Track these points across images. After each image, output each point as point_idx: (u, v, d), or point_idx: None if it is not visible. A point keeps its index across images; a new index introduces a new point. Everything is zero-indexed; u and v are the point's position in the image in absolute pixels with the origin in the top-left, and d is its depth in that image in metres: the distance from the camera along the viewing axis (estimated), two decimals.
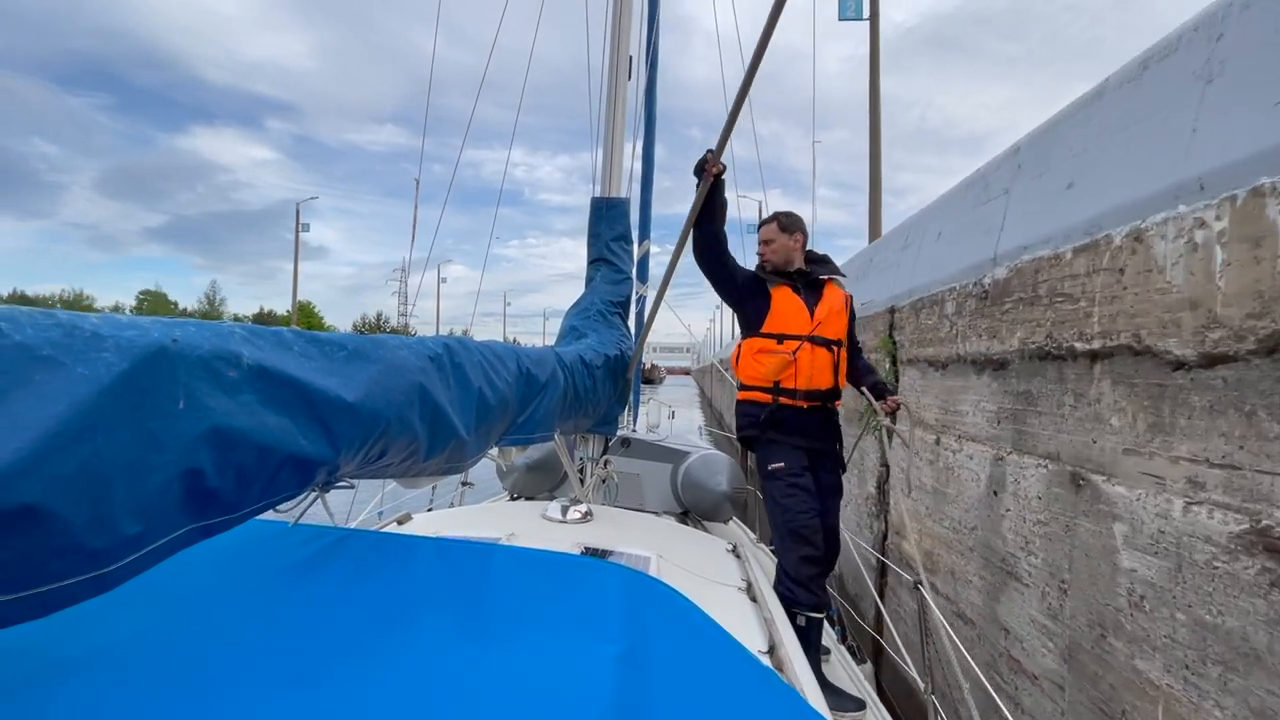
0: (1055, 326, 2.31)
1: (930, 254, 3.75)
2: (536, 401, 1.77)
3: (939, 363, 3.38)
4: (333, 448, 0.94)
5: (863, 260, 5.55)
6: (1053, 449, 2.32)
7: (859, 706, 2.20)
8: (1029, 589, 2.41)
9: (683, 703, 0.90)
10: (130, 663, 0.77)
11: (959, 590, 3.00)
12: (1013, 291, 2.63)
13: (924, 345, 3.61)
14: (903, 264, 4.23)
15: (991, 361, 2.80)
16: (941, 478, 3.28)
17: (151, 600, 0.86)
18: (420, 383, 1.17)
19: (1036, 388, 2.43)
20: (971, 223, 3.19)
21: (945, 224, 3.60)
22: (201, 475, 0.74)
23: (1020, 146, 2.81)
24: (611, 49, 3.34)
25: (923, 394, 3.59)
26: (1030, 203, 2.63)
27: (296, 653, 0.84)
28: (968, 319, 3.05)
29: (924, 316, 3.63)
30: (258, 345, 0.84)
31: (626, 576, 1.17)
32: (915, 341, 3.74)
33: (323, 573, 1.02)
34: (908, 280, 4.03)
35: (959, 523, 3.05)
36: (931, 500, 3.40)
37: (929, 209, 3.97)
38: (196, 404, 0.73)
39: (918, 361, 3.69)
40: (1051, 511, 2.30)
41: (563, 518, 2.24)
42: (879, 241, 5.17)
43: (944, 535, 3.22)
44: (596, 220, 3.09)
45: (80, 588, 0.64)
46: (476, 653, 0.90)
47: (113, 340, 0.65)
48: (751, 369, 2.65)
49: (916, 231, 4.11)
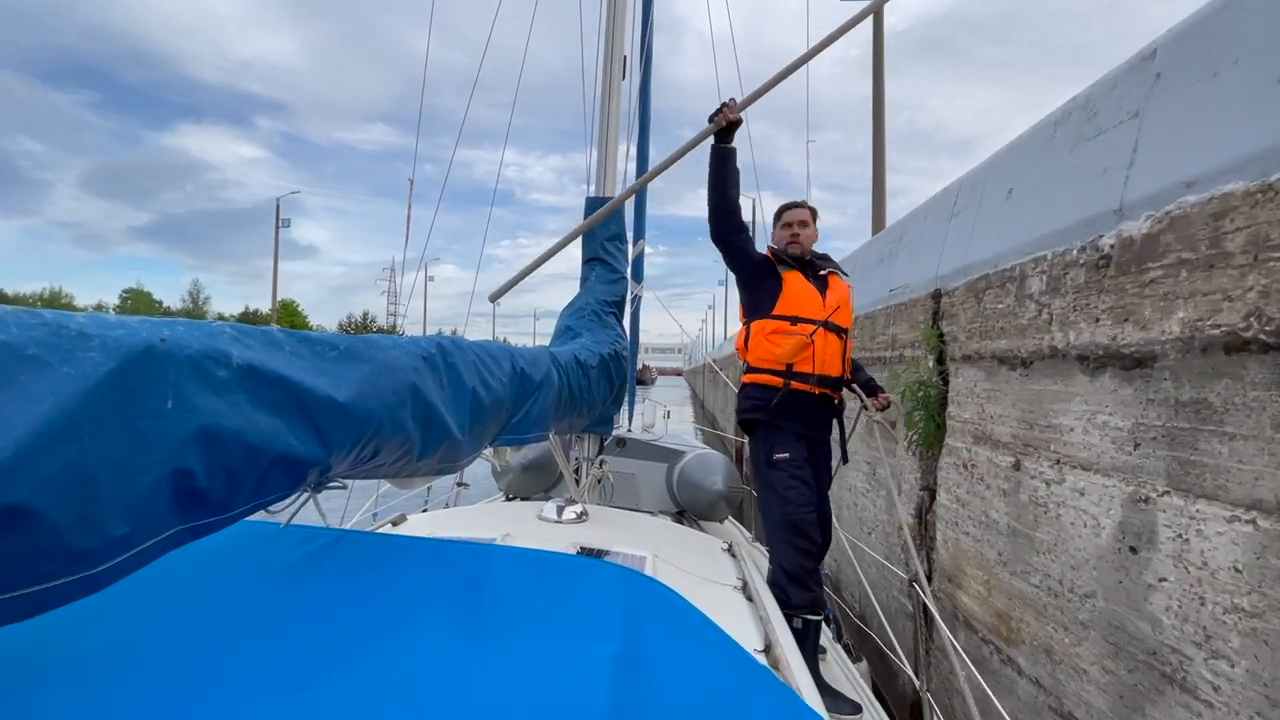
0: (1264, 299, 1.45)
1: (996, 218, 2.88)
2: (531, 401, 1.75)
3: (1017, 359, 2.51)
4: (324, 448, 0.93)
5: (888, 240, 4.62)
6: (1260, 495, 1.45)
7: (856, 710, 2.16)
8: (1217, 711, 1.55)
9: (679, 703, 0.90)
10: (119, 665, 0.77)
11: (1062, 680, 2.13)
12: (1165, 251, 1.77)
13: (990, 336, 2.74)
14: (952, 236, 3.35)
15: (1120, 356, 1.93)
16: (1025, 516, 2.41)
17: (141, 602, 0.85)
18: (413, 382, 1.16)
19: (1222, 396, 1.57)
20: (1067, 168, 2.33)
21: (1019, 177, 2.73)
22: (191, 476, 0.73)
23: (1156, 48, 1.94)
24: (606, 48, 3.33)
25: (990, 401, 2.72)
26: (1189, 119, 1.76)
27: (288, 655, 0.84)
28: (1070, 297, 2.18)
29: (990, 299, 2.76)
30: (248, 345, 0.84)
31: (622, 576, 1.17)
32: (976, 332, 2.87)
33: (315, 574, 1.01)
34: (960, 255, 3.16)
35: (1060, 583, 2.18)
36: (1007, 544, 2.53)
37: (990, 163, 3.10)
38: (185, 404, 0.72)
39: (981, 358, 2.82)
40: (1266, 595, 1.43)
41: (558, 518, 2.22)
42: (910, 214, 4.31)
43: (1030, 595, 2.35)
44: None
45: (68, 589, 0.63)
46: (471, 654, 0.90)
47: (99, 340, 0.65)
48: (764, 350, 2.58)
49: (971, 192, 3.23)
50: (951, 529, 3.01)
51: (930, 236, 3.67)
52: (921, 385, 3.23)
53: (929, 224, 3.77)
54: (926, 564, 3.32)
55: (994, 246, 2.80)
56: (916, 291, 3.68)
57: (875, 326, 4.47)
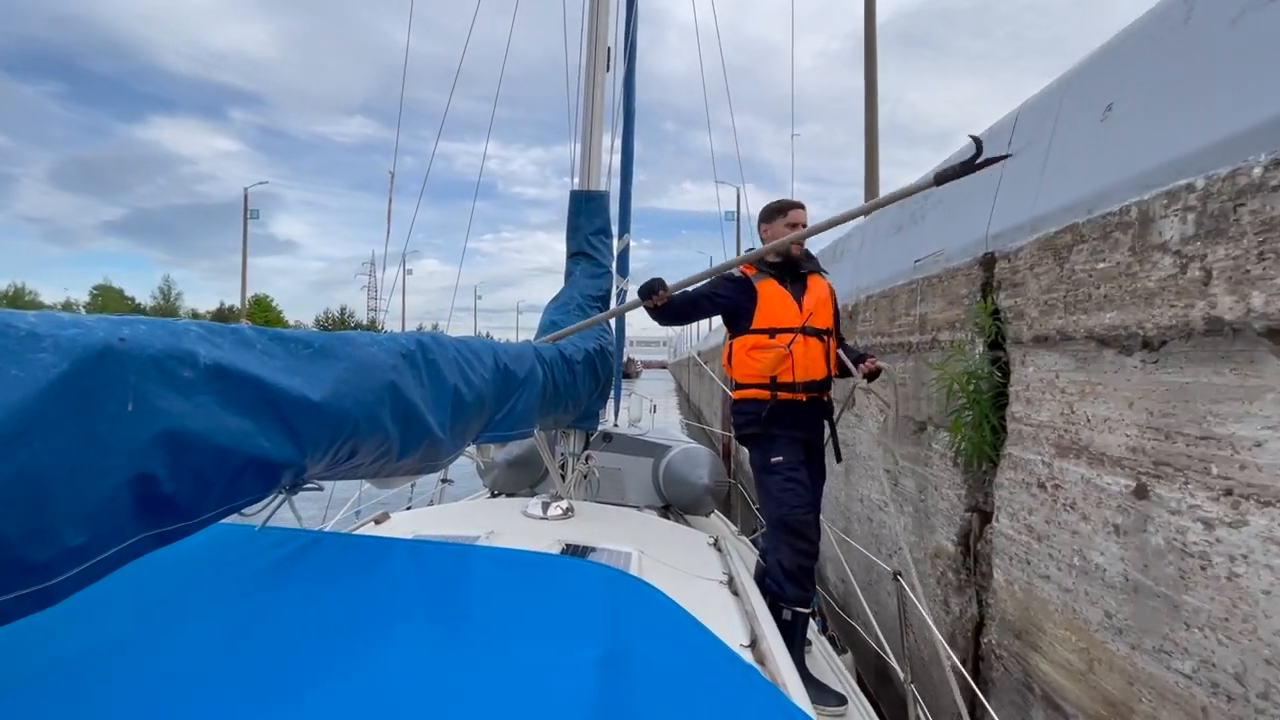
0: None
1: (1084, 147, 2.11)
2: (515, 398, 1.72)
3: (1136, 339, 1.75)
4: (298, 449, 0.91)
5: (916, 198, 3.62)
6: None
7: (841, 702, 2.18)
8: None
9: (663, 704, 0.89)
10: (85, 677, 0.74)
11: None
12: None
13: (1085, 308, 1.97)
14: (1008, 182, 2.59)
15: None
16: (1161, 569, 1.65)
17: (109, 609, 0.83)
18: (391, 380, 1.14)
19: None
20: (1231, 49, 1.55)
21: (1122, 87, 1.96)
22: (154, 480, 0.71)
23: None
24: (589, 39, 3.32)
25: (1086, 398, 1.95)
26: None
27: (262, 662, 0.82)
28: (1250, 241, 1.41)
29: (1083, 258, 1.99)
30: (215, 343, 0.81)
31: (606, 576, 1.15)
32: (1059, 304, 2.09)
33: (291, 577, 0.99)
34: (1023, 204, 2.39)
35: (1239, 680, 1.42)
36: (1126, 604, 1.77)
37: (1065, 82, 2.32)
38: (147, 406, 0.70)
39: (1067, 339, 2.05)
40: None
41: (543, 514, 2.20)
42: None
43: (1172, 687, 1.61)
44: (576, 213, 3.05)
45: (21, 603, 0.60)
46: (451, 658, 0.88)
47: (51, 340, 0.62)
48: (746, 366, 2.64)
49: (1038, 123, 2.42)
50: (1020, 567, 2.26)
51: (972, 189, 2.87)
52: (971, 377, 2.47)
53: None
54: (976, 606, 2.57)
55: (1085, 185, 2.04)
56: (955, 259, 2.92)
57: (895, 307, 3.70)
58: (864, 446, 4.07)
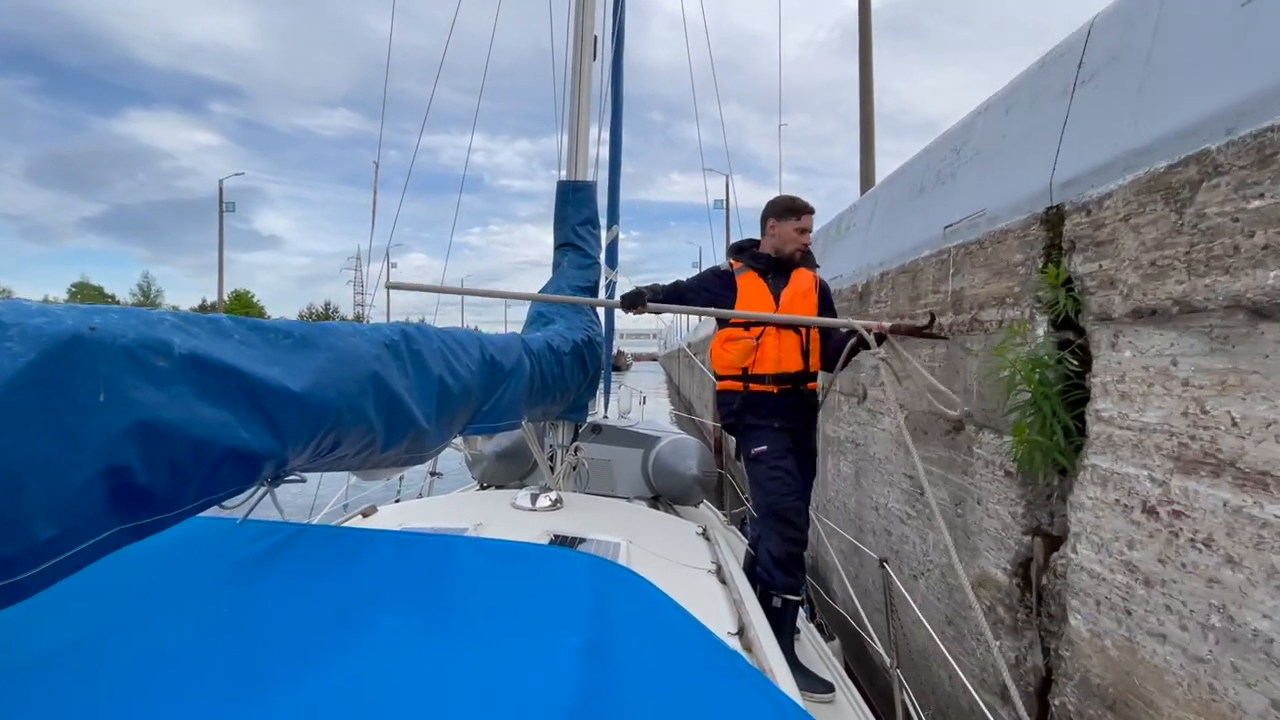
0: None
1: (1215, 44, 1.53)
2: (502, 389, 1.72)
3: None
4: (278, 440, 0.91)
5: (935, 160, 3.17)
6: None
7: (828, 689, 2.19)
8: None
9: (650, 693, 0.89)
10: (62, 671, 0.73)
11: None
12: None
13: (1220, 269, 1.45)
14: (1081, 113, 2.05)
15: None
16: None
17: (87, 603, 0.82)
18: (375, 370, 1.14)
19: None
20: None
21: None
22: (129, 472, 0.70)
23: None
24: (575, 29, 3.29)
25: (1223, 393, 1.44)
26: None
27: (244, 656, 0.80)
28: None
29: (1221, 196, 1.46)
30: (191, 333, 0.80)
31: (593, 565, 1.15)
32: (1178, 264, 1.57)
33: (272, 570, 0.98)
34: (1114, 136, 1.84)
35: None
36: None
37: None
38: (120, 396, 0.68)
39: (1189, 312, 1.54)
40: None
41: (532, 506, 2.21)
42: (971, 114, 2.89)
43: None
44: (563, 204, 3.06)
45: None
46: (437, 650, 0.87)
47: (18, 328, 0.61)
48: (722, 358, 2.72)
49: (1123, 33, 1.87)
50: (1113, 617, 1.76)
51: (1026, 130, 2.36)
52: (1036, 366, 2.01)
53: (1017, 115, 2.44)
54: (1041, 655, 2.08)
55: (1218, 96, 1.49)
56: (1003, 219, 2.39)
57: (919, 283, 3.12)
58: (879, 447, 3.59)
